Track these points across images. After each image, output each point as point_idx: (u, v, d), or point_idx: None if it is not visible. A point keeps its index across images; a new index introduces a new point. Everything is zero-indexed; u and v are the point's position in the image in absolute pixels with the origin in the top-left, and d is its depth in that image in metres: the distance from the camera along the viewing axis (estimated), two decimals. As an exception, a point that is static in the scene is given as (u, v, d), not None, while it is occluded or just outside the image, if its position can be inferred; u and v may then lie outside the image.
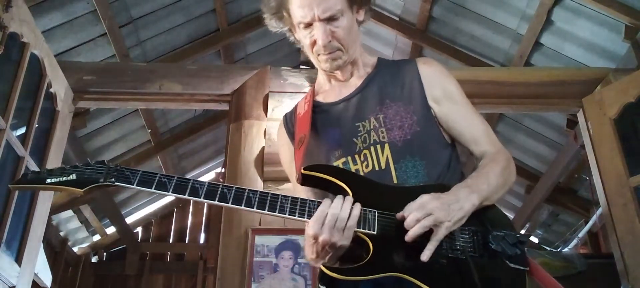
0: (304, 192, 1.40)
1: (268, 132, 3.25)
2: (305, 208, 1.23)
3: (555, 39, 3.90)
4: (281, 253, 3.02)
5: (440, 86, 1.45)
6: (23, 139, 2.75)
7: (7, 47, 2.53)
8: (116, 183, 1.22)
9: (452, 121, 1.43)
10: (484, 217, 1.26)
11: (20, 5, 2.66)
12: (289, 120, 1.58)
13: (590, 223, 5.24)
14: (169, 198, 6.88)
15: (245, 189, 1.23)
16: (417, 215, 1.16)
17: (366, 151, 1.37)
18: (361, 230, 1.19)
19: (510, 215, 6.27)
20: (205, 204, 7.24)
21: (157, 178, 1.22)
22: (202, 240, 7.09)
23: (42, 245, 3.09)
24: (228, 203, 1.21)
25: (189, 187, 1.21)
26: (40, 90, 2.90)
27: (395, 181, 1.32)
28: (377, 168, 1.35)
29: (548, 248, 6.15)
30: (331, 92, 1.53)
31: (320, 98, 1.54)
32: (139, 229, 7.11)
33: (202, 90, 3.47)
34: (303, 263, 2.99)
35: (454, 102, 1.44)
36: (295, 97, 3.37)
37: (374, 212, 1.22)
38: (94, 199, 5.42)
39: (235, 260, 2.97)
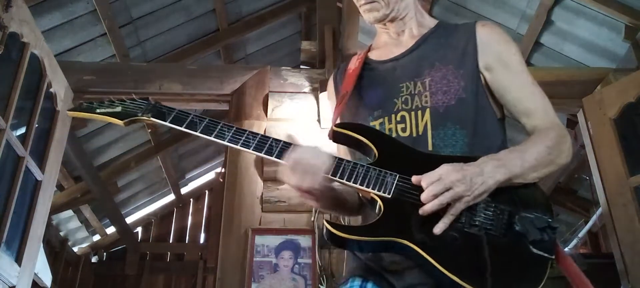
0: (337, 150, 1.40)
1: (268, 132, 3.25)
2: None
3: (555, 39, 3.90)
4: (281, 253, 3.02)
5: (496, 52, 1.34)
6: (23, 138, 2.75)
7: (7, 47, 2.53)
8: (152, 119, 1.27)
9: (503, 90, 1.33)
10: (516, 196, 1.16)
11: (20, 5, 2.66)
12: (339, 75, 1.53)
13: (590, 223, 5.24)
14: (169, 198, 6.89)
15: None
16: (435, 190, 1.09)
17: (405, 113, 1.31)
18: (375, 191, 1.15)
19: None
20: (205, 202, 7.26)
21: (190, 118, 1.26)
22: (202, 240, 7.09)
23: (42, 245, 3.09)
24: (249, 149, 1.25)
25: (216, 130, 1.26)
26: (40, 90, 2.90)
27: (430, 148, 1.25)
28: (414, 133, 1.28)
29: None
30: (384, 49, 1.46)
31: (373, 55, 1.48)
32: (139, 229, 7.11)
33: (202, 90, 3.47)
34: (303, 263, 2.99)
35: (508, 69, 1.33)
36: (295, 97, 3.38)
37: (395, 175, 1.17)
38: (94, 199, 5.42)
39: (235, 260, 2.98)
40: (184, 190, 6.98)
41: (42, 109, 2.91)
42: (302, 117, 3.31)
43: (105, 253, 6.83)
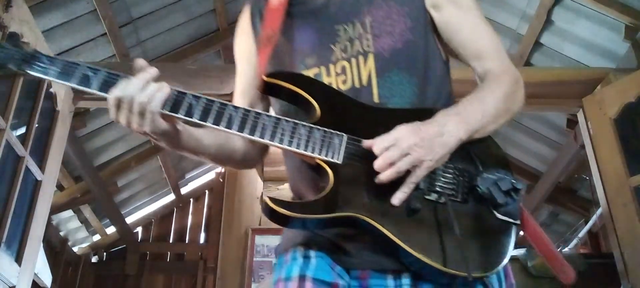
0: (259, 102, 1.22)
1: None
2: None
3: (555, 39, 3.90)
4: (281, 253, 3.02)
5: None
6: (23, 138, 2.75)
7: (7, 47, 2.53)
8: (31, 72, 1.01)
9: (453, 30, 1.18)
10: (475, 152, 1.04)
11: (20, 5, 2.66)
12: (258, 10, 1.27)
13: (590, 223, 5.24)
14: (169, 198, 6.88)
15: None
16: (391, 155, 0.95)
17: (345, 63, 1.13)
18: (322, 157, 0.99)
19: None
20: (205, 202, 7.26)
21: (81, 71, 1.01)
22: (202, 240, 7.08)
23: (42, 245, 3.09)
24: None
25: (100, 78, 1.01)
26: (40, 90, 2.90)
27: (376, 100, 1.09)
28: (357, 85, 1.11)
29: (548, 248, 6.14)
30: None
31: None
32: (139, 229, 7.10)
33: (202, 90, 3.44)
34: (303, 263, 2.99)
35: (458, 6, 1.18)
36: (295, 97, 3.39)
37: (343, 136, 1.01)
38: (94, 199, 5.42)
39: (235, 260, 2.98)
40: (184, 190, 6.97)
41: (42, 109, 2.91)
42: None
43: (105, 253, 6.82)
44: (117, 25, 3.96)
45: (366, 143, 0.99)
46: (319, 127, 1.01)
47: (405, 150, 0.95)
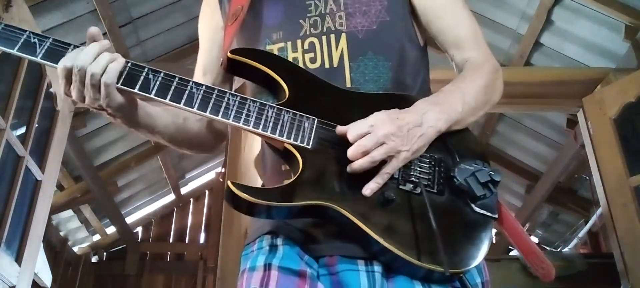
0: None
1: (268, 132, 3.25)
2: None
3: (555, 39, 3.90)
4: (281, 253, 3.02)
5: None
6: (23, 138, 2.75)
7: (7, 47, 2.53)
8: None
9: (432, 15, 1.12)
10: (452, 143, 0.99)
11: (20, 5, 2.66)
12: None
13: (590, 223, 5.24)
14: (169, 198, 6.88)
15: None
16: (366, 144, 0.89)
17: (314, 39, 1.06)
18: (291, 141, 0.93)
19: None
20: (205, 202, 7.26)
21: (24, 37, 0.93)
22: (202, 240, 7.08)
23: (42, 245, 3.09)
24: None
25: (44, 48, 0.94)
26: (40, 90, 2.90)
27: (348, 84, 1.03)
28: (327, 65, 1.05)
29: (548, 248, 6.15)
30: None
31: None
32: (139, 229, 7.11)
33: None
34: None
35: None
36: (295, 97, 3.38)
37: (313, 119, 0.95)
38: (94, 199, 5.42)
39: (235, 260, 2.97)
40: (184, 190, 6.98)
41: (42, 109, 2.91)
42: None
43: (105, 253, 6.83)
44: (117, 25, 3.96)
45: (340, 129, 0.93)
46: (287, 109, 0.95)
47: (381, 139, 0.90)
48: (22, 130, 2.78)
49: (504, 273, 3.90)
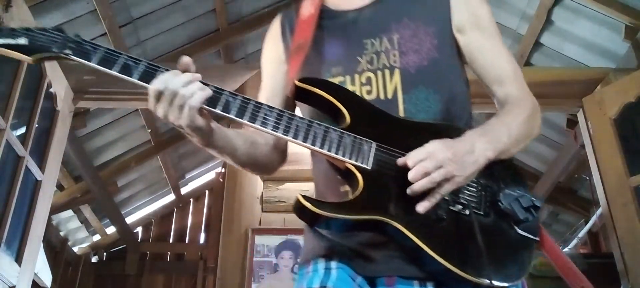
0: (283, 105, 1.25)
1: (268, 132, 3.25)
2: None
3: (555, 39, 3.90)
4: (281, 253, 3.02)
5: (470, 12, 1.23)
6: (23, 138, 2.75)
7: (7, 47, 2.53)
8: (72, 57, 1.06)
9: (476, 53, 1.22)
10: (497, 171, 1.08)
11: (20, 5, 2.66)
12: (288, 20, 1.33)
13: (590, 223, 5.24)
14: (169, 198, 6.88)
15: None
16: (425, 166, 0.97)
17: (371, 74, 1.17)
18: (352, 161, 1.03)
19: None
20: (205, 202, 7.26)
21: (123, 60, 1.04)
22: (202, 240, 7.08)
23: (42, 245, 3.09)
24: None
25: (158, 73, 1.06)
26: (40, 90, 2.90)
27: (402, 114, 1.13)
28: (382, 96, 1.14)
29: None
30: None
31: (329, 2, 1.30)
32: (139, 229, 7.10)
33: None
34: (303, 263, 2.99)
35: (482, 31, 1.23)
36: (295, 97, 3.38)
37: (372, 143, 1.05)
38: (94, 199, 5.42)
39: (235, 260, 2.98)
40: (184, 190, 6.97)
41: (42, 109, 2.91)
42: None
43: (105, 253, 6.82)
44: (117, 25, 3.96)
45: (400, 160, 1.02)
46: (349, 132, 1.05)
47: (440, 163, 0.98)
48: (22, 130, 2.78)
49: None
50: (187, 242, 7.09)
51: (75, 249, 6.49)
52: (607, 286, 3.49)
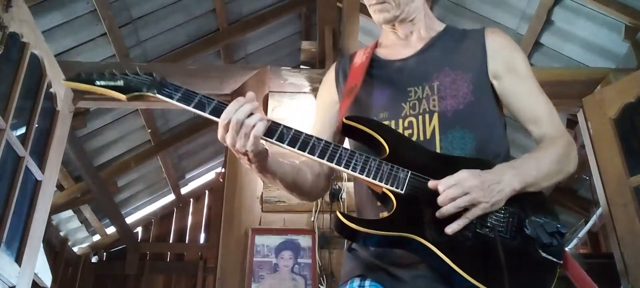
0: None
1: (268, 132, 3.25)
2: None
3: (555, 39, 3.90)
4: (281, 253, 3.02)
5: (505, 59, 1.35)
6: (23, 139, 2.75)
7: (7, 47, 2.53)
8: (158, 95, 1.21)
9: (512, 96, 1.34)
10: (525, 201, 1.18)
11: (20, 5, 2.66)
12: (343, 68, 1.50)
13: (590, 223, 5.24)
14: (170, 197, 6.89)
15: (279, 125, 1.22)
16: (453, 193, 1.10)
17: (413, 118, 1.30)
18: (387, 186, 1.15)
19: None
20: (205, 202, 7.27)
21: (198, 98, 1.20)
22: (202, 240, 7.09)
23: (42, 245, 3.09)
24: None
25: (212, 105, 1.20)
26: (40, 90, 2.90)
27: (438, 151, 1.25)
28: (421, 138, 1.27)
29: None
30: (392, 49, 1.46)
31: (380, 52, 1.47)
32: (139, 229, 7.11)
33: (202, 90, 3.44)
34: (303, 263, 2.99)
35: (517, 76, 1.35)
36: (295, 97, 3.38)
37: (407, 171, 1.17)
38: (94, 199, 5.42)
39: (235, 260, 2.98)
40: (184, 190, 6.98)
41: (42, 109, 2.91)
42: (302, 117, 3.31)
43: (105, 253, 6.83)
44: (117, 25, 3.96)
45: (432, 183, 1.13)
46: (387, 162, 1.18)
47: (466, 190, 1.09)
48: (22, 130, 2.78)
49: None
50: (187, 242, 7.09)
51: (75, 249, 6.49)
52: (607, 286, 3.49)
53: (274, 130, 1.18)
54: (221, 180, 6.15)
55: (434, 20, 1.48)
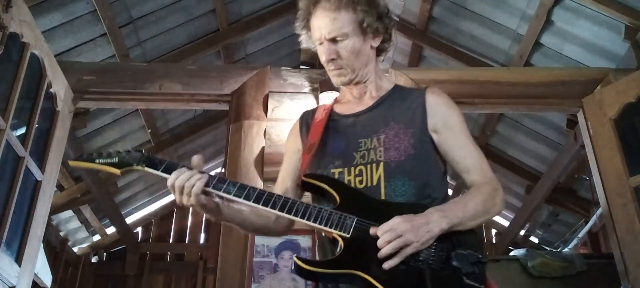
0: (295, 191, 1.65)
1: (268, 132, 3.25)
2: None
3: (555, 39, 3.90)
4: (281, 253, 3.02)
5: (442, 116, 1.56)
6: (23, 139, 2.75)
7: (7, 47, 2.53)
8: (146, 168, 1.45)
9: (448, 149, 1.54)
10: (455, 238, 1.36)
11: (20, 5, 2.66)
12: (306, 122, 1.73)
13: (590, 223, 5.24)
14: (169, 198, 6.88)
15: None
16: (388, 237, 1.29)
17: (362, 167, 1.51)
18: (336, 232, 1.36)
19: (510, 216, 6.28)
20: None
21: (180, 166, 1.43)
22: (202, 240, 7.08)
23: (42, 245, 3.09)
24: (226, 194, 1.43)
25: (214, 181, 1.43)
26: (40, 90, 2.90)
27: (383, 197, 1.45)
28: (369, 184, 1.48)
29: (548, 249, 6.15)
30: (347, 105, 1.68)
31: (337, 108, 1.69)
32: (139, 229, 7.10)
33: (202, 90, 3.47)
34: (303, 263, 2.99)
35: (452, 131, 1.55)
36: (295, 97, 3.38)
37: (354, 218, 1.37)
38: (94, 199, 5.42)
39: (235, 260, 2.97)
40: (183, 190, 6.97)
41: (42, 109, 2.91)
42: (302, 117, 3.31)
43: (105, 253, 6.83)
44: (117, 26, 3.96)
45: (372, 231, 1.33)
46: (337, 211, 1.39)
47: (400, 233, 1.29)
48: (22, 130, 2.78)
49: (504, 274, 3.90)
50: (187, 242, 7.09)
51: (75, 249, 6.49)
52: (607, 286, 3.49)
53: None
54: (221, 180, 6.15)
55: (384, 79, 1.71)
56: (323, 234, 1.49)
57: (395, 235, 1.29)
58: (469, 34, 4.41)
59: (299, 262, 1.33)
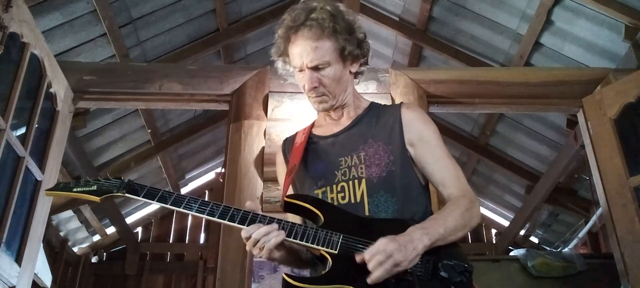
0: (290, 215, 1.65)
1: (268, 132, 3.25)
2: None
3: (555, 39, 3.90)
4: (281, 253, 3.02)
5: (417, 130, 1.59)
6: (23, 139, 2.75)
7: (7, 47, 2.53)
8: (126, 194, 1.46)
9: (424, 163, 1.57)
10: (441, 251, 1.41)
11: (20, 5, 2.66)
12: (287, 147, 1.77)
13: (590, 223, 5.25)
14: (169, 198, 6.87)
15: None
16: (379, 259, 1.31)
17: (344, 184, 1.55)
18: (323, 249, 1.39)
19: (510, 216, 6.28)
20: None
21: (160, 193, 1.45)
22: (202, 240, 7.09)
23: (42, 245, 3.09)
24: (214, 217, 1.48)
25: (184, 202, 1.47)
26: (40, 90, 2.90)
27: (367, 213, 1.49)
28: (352, 200, 1.52)
29: (548, 249, 6.15)
30: (326, 127, 1.71)
31: (315, 131, 1.73)
32: (139, 229, 7.11)
33: (202, 90, 3.47)
34: (303, 263, 2.99)
35: (428, 145, 1.58)
36: (295, 97, 3.37)
37: (340, 235, 1.40)
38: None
39: (235, 260, 2.97)
40: (184, 190, 6.97)
41: (42, 109, 2.91)
42: (302, 117, 3.31)
43: (105, 253, 6.83)
44: (117, 26, 3.96)
45: (358, 257, 1.34)
46: (322, 229, 1.42)
47: (389, 253, 1.31)
48: (22, 130, 2.78)
49: (504, 273, 3.90)
50: (187, 242, 7.09)
51: (75, 249, 6.49)
52: (607, 286, 3.50)
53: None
54: (221, 181, 6.14)
55: (361, 99, 1.74)
56: (312, 252, 1.51)
57: (386, 256, 1.30)
58: (469, 34, 4.41)
59: (288, 279, 1.35)
